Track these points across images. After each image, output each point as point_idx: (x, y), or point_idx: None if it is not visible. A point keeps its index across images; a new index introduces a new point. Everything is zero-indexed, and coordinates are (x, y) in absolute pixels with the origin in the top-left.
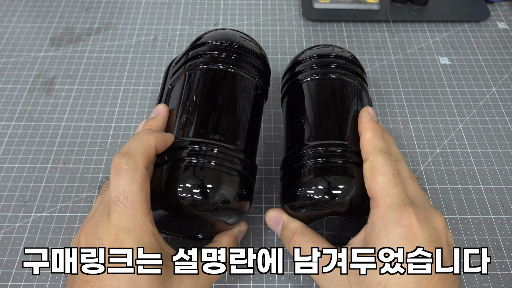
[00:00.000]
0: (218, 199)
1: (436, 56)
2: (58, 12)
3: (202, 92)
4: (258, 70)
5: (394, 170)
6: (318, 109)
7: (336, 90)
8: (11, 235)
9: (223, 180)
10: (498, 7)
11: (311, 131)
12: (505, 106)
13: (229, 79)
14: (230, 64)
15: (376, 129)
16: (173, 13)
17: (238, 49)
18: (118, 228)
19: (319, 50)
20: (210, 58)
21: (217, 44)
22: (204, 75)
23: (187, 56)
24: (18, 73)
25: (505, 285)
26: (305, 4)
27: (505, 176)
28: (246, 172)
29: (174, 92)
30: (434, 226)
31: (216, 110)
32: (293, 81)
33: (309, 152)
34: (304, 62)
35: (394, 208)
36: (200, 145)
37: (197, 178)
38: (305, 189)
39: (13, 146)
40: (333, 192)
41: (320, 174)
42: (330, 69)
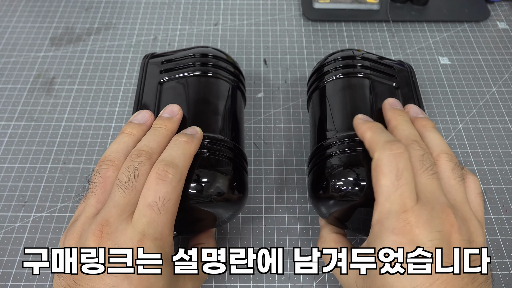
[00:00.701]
0: (212, 191)
1: (436, 56)
2: (58, 12)
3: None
4: (228, 71)
5: (398, 170)
6: (345, 103)
7: (360, 87)
8: (11, 235)
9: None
10: (498, 7)
11: (337, 124)
12: (505, 106)
13: (206, 82)
14: (206, 71)
15: (373, 126)
16: (173, 13)
17: (213, 58)
18: (144, 236)
19: (342, 53)
20: (192, 68)
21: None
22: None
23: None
24: (18, 73)
25: (505, 285)
26: (305, 4)
27: (505, 176)
28: (237, 160)
29: (167, 91)
30: (437, 228)
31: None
32: (319, 81)
33: (337, 144)
34: (328, 65)
35: (391, 215)
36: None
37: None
38: (334, 181)
39: (13, 146)
40: (362, 184)
41: (349, 166)
42: (356, 69)
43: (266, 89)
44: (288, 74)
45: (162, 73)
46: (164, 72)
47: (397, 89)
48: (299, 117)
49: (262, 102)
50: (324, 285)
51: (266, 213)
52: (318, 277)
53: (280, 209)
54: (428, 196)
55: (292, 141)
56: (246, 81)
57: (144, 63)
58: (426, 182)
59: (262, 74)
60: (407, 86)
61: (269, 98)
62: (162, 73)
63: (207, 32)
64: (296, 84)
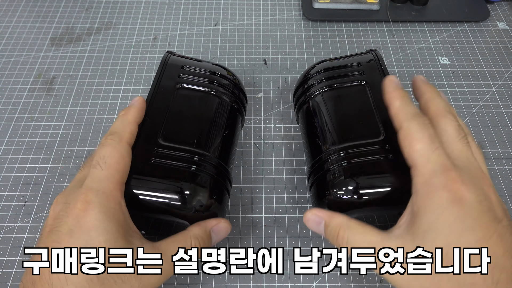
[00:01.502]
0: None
1: (436, 56)
2: (58, 12)
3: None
4: (232, 93)
5: (430, 134)
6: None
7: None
8: (11, 235)
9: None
10: (498, 7)
11: (334, 136)
12: (505, 106)
13: (204, 99)
14: (208, 88)
15: (404, 96)
16: (173, 13)
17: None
18: (87, 189)
19: (325, 64)
20: (206, 84)
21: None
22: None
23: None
24: (18, 73)
25: None
26: (305, 4)
27: (505, 176)
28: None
29: (180, 98)
30: (480, 186)
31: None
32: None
33: (335, 155)
34: (314, 77)
35: (437, 173)
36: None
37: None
38: (336, 191)
39: (13, 146)
40: (362, 192)
41: (350, 175)
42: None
43: (266, 89)
44: (288, 74)
45: (181, 77)
46: (182, 76)
47: (366, 85)
48: None
49: (262, 102)
50: (324, 285)
51: (266, 213)
52: (318, 277)
53: (280, 209)
54: (464, 161)
55: (292, 141)
56: (246, 81)
57: (166, 56)
58: (462, 149)
59: (262, 74)
60: (375, 76)
61: (269, 98)
62: (180, 78)
63: (207, 32)
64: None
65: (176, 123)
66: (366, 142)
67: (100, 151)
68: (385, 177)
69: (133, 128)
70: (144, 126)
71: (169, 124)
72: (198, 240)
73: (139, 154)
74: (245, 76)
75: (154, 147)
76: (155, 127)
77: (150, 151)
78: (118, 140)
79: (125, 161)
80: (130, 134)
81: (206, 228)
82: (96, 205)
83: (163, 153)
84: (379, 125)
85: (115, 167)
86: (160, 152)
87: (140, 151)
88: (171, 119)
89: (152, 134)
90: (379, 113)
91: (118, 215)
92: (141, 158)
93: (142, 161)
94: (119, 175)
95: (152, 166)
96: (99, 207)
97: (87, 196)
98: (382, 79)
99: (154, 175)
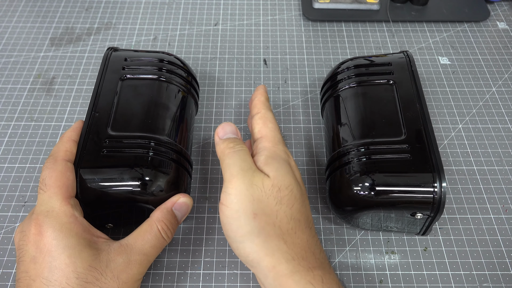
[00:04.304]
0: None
1: (436, 56)
2: (58, 12)
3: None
4: (181, 77)
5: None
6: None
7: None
8: (11, 235)
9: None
10: (498, 7)
11: (356, 131)
12: (505, 106)
13: (155, 86)
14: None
15: (266, 95)
16: (173, 13)
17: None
18: (37, 213)
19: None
20: (152, 71)
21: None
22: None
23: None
24: (18, 73)
25: (505, 285)
26: (305, 4)
27: (505, 176)
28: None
29: (126, 88)
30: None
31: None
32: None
33: (355, 150)
34: (344, 72)
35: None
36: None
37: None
38: (353, 186)
39: (13, 146)
40: (377, 189)
41: (367, 172)
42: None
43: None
44: (288, 74)
45: (125, 69)
46: (126, 69)
47: (394, 85)
48: (299, 117)
49: None
50: None
51: None
52: None
53: None
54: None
55: (292, 141)
56: (246, 80)
57: (107, 54)
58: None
59: (262, 74)
60: (404, 77)
61: (269, 98)
62: (124, 70)
63: (207, 32)
64: (296, 84)
65: (125, 113)
66: (387, 140)
67: (40, 176)
68: (402, 177)
69: (68, 146)
70: (92, 121)
71: (118, 115)
72: (164, 222)
73: (89, 149)
74: (245, 76)
75: (104, 138)
76: (103, 120)
77: (100, 144)
78: (53, 160)
79: (65, 177)
80: (66, 152)
81: (168, 208)
82: (49, 226)
83: (114, 143)
84: (402, 125)
85: (56, 185)
86: (111, 142)
87: (90, 146)
88: (119, 109)
89: (101, 127)
90: (403, 113)
91: (75, 227)
92: (91, 152)
93: (93, 154)
94: (62, 190)
95: (104, 157)
96: (52, 227)
97: (38, 220)
98: (410, 81)
99: (106, 165)
